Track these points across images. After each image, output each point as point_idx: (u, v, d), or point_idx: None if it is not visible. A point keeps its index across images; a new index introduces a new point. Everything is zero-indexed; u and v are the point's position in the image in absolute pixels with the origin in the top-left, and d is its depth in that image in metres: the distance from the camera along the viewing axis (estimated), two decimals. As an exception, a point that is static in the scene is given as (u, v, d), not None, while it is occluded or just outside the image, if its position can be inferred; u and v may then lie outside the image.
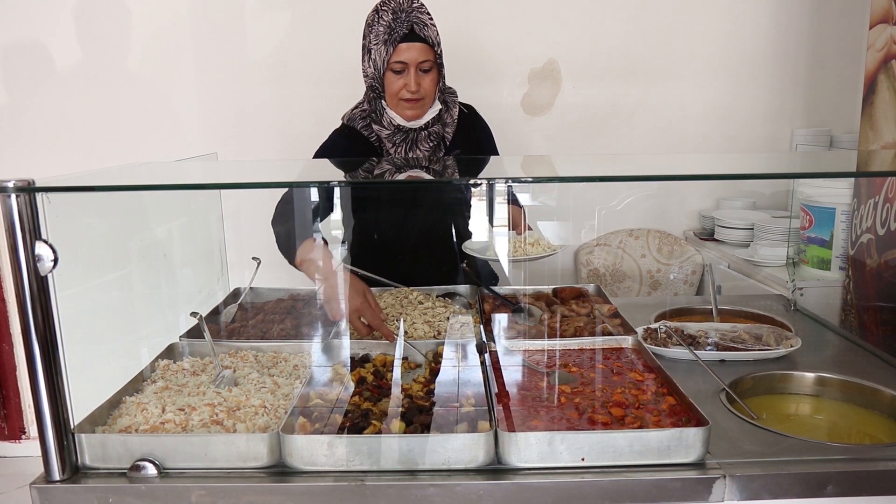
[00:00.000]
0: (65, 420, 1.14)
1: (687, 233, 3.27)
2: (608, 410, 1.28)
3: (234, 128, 3.09)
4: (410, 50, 1.90)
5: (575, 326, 1.71)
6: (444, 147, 2.08)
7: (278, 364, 1.53)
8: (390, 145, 2.02)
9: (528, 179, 2.00)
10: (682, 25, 3.08)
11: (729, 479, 1.12)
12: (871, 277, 1.91)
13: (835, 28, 3.09)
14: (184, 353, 1.58)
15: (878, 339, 1.82)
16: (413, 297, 1.88)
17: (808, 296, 2.04)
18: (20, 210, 1.07)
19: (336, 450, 1.14)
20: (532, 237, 1.82)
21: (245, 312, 1.85)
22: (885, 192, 1.86)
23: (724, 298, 2.11)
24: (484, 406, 1.30)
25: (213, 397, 1.31)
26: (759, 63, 3.13)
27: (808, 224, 2.36)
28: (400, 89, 1.93)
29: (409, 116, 1.99)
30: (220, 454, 1.15)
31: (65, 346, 1.13)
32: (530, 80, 3.12)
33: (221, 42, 3.01)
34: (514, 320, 1.79)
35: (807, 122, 3.20)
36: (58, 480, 1.14)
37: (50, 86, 2.99)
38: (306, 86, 3.04)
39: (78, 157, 3.03)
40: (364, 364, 1.54)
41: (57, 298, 1.12)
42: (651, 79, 3.13)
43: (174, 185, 1.49)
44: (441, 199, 2.12)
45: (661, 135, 3.18)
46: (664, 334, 1.70)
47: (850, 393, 1.49)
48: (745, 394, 1.45)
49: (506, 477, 1.13)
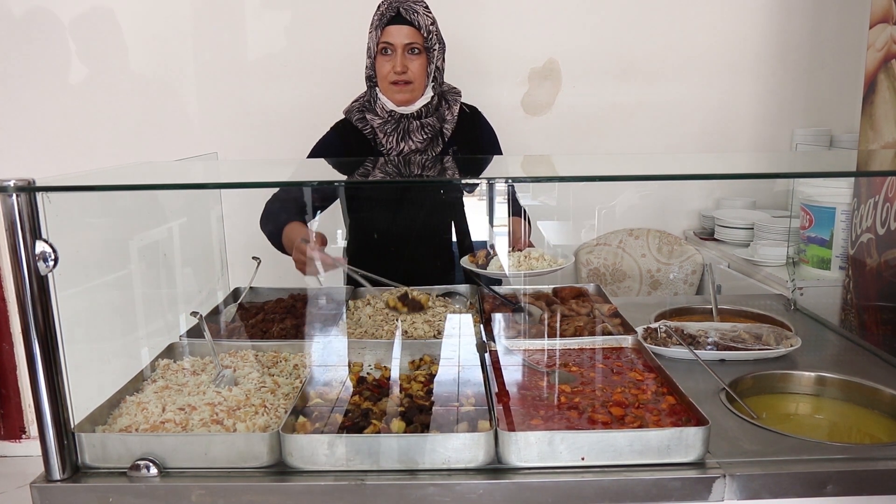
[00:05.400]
0: (65, 419, 1.14)
1: (687, 232, 3.27)
2: (608, 410, 1.28)
3: (234, 128, 3.09)
4: (397, 32, 1.98)
5: (575, 326, 1.71)
6: (441, 143, 2.09)
7: (278, 363, 1.53)
8: (382, 135, 2.04)
9: (528, 179, 2.00)
10: (681, 25, 3.08)
11: (729, 479, 1.12)
12: (871, 277, 1.91)
13: (835, 28, 3.09)
14: (184, 353, 1.58)
15: (878, 338, 1.82)
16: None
17: (808, 295, 2.04)
18: (20, 209, 1.07)
19: (336, 449, 1.14)
20: (536, 252, 1.82)
21: (245, 312, 1.85)
22: (885, 192, 1.86)
23: (724, 298, 2.11)
24: (484, 405, 1.30)
25: (213, 397, 1.31)
26: (759, 63, 3.13)
27: (808, 224, 2.36)
28: (388, 72, 2.00)
29: (398, 101, 2.03)
30: (220, 454, 1.15)
31: (65, 345, 1.13)
32: (530, 80, 3.12)
33: (221, 42, 3.01)
34: (514, 320, 1.79)
35: (807, 122, 3.20)
36: (58, 480, 1.14)
37: (50, 85, 2.99)
38: (306, 86, 3.04)
39: (78, 156, 3.03)
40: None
41: (57, 298, 1.12)
42: (651, 79, 3.13)
43: (174, 184, 1.49)
44: (440, 198, 2.12)
45: (661, 134, 3.18)
46: (664, 334, 1.70)
47: (850, 392, 1.49)
48: (745, 393, 1.45)
49: (506, 476, 1.13)
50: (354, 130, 2.09)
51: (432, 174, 1.77)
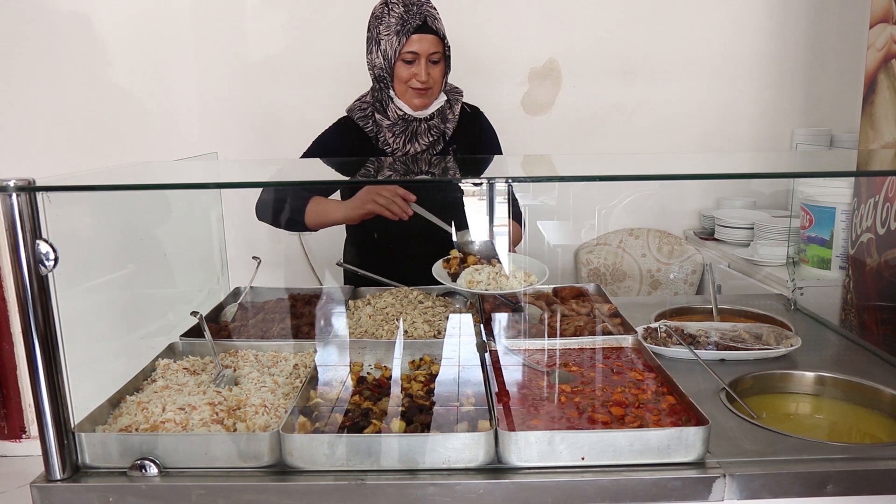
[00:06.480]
0: (65, 419, 1.14)
1: (687, 232, 3.27)
2: (608, 410, 1.28)
3: (234, 128, 3.09)
4: (422, 41, 1.96)
5: (575, 326, 1.71)
6: (442, 142, 2.10)
7: (278, 363, 1.53)
8: (390, 135, 2.05)
9: (528, 179, 2.00)
10: (681, 25, 3.08)
11: (729, 479, 1.12)
12: (871, 277, 1.91)
13: (835, 27, 3.09)
14: (184, 353, 1.58)
15: (878, 338, 1.81)
16: (413, 297, 1.88)
17: (808, 295, 2.04)
18: (21, 209, 1.07)
19: (336, 449, 1.14)
20: (506, 267, 1.77)
21: (245, 312, 1.85)
22: (885, 192, 1.86)
23: (725, 298, 2.11)
24: (484, 405, 1.30)
25: (213, 396, 1.31)
26: (759, 63, 3.13)
27: (808, 223, 2.36)
28: (410, 77, 1.99)
29: (416, 105, 2.03)
30: (220, 453, 1.15)
31: (65, 345, 1.13)
32: (530, 80, 3.12)
33: (221, 42, 3.01)
34: (514, 319, 1.78)
35: (807, 122, 3.20)
36: (58, 480, 1.14)
37: (50, 85, 2.99)
38: (306, 85, 3.04)
39: (78, 156, 3.03)
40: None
41: (57, 297, 1.12)
42: (651, 78, 3.13)
43: (174, 184, 1.49)
44: (441, 198, 2.12)
45: (661, 134, 3.18)
46: (664, 334, 1.70)
47: (850, 392, 1.49)
48: (745, 393, 1.45)
49: (506, 476, 1.13)
50: (356, 129, 2.09)
51: (433, 174, 1.77)
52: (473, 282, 1.72)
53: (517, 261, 1.87)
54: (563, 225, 3.04)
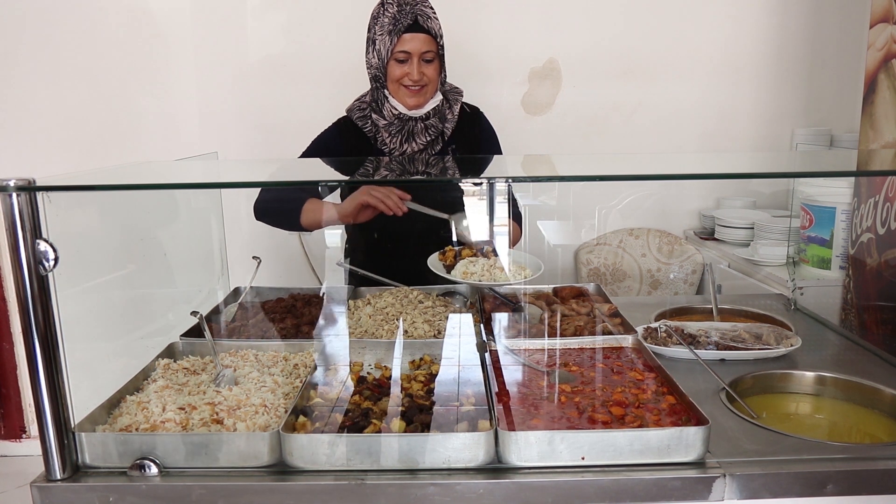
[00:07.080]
0: (65, 419, 1.14)
1: (687, 232, 3.27)
2: (608, 409, 1.28)
3: (234, 128, 3.09)
4: (414, 40, 1.96)
5: (575, 325, 1.71)
6: (441, 142, 2.09)
7: (279, 363, 1.53)
8: (387, 135, 2.05)
9: (528, 179, 2.00)
10: (681, 25, 3.08)
11: (729, 478, 1.12)
12: (871, 277, 1.91)
13: (835, 27, 3.09)
14: (184, 353, 1.59)
15: (878, 338, 1.81)
16: (413, 297, 1.88)
17: (808, 295, 2.04)
18: (21, 209, 1.07)
19: (336, 449, 1.14)
20: (502, 261, 1.78)
21: (245, 311, 1.85)
22: (885, 192, 1.86)
23: (725, 298, 2.11)
24: (484, 405, 1.30)
25: (213, 396, 1.31)
26: (759, 63, 3.13)
27: (808, 223, 2.36)
28: (402, 76, 1.99)
29: (410, 105, 2.03)
30: (220, 453, 1.15)
31: (65, 345, 1.13)
32: (530, 80, 3.12)
33: (221, 42, 3.01)
34: (514, 319, 1.79)
35: (807, 122, 3.20)
36: (58, 479, 1.14)
37: (50, 85, 2.99)
38: (306, 85, 3.04)
39: (78, 156, 3.03)
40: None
41: (57, 297, 1.12)
42: (651, 78, 3.12)
43: (174, 184, 1.49)
44: (440, 198, 2.12)
45: (661, 134, 3.18)
46: (664, 333, 1.70)
47: (850, 392, 1.49)
48: (745, 393, 1.45)
49: (506, 476, 1.13)
50: (355, 129, 2.09)
51: (430, 174, 1.77)
52: (468, 273, 1.72)
53: (512, 255, 1.87)
54: (563, 225, 3.04)
